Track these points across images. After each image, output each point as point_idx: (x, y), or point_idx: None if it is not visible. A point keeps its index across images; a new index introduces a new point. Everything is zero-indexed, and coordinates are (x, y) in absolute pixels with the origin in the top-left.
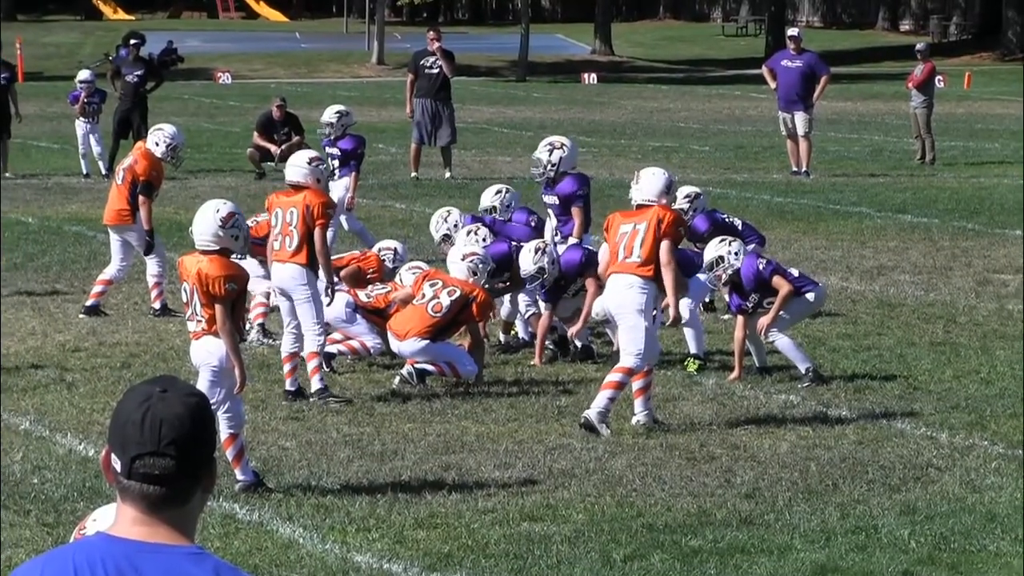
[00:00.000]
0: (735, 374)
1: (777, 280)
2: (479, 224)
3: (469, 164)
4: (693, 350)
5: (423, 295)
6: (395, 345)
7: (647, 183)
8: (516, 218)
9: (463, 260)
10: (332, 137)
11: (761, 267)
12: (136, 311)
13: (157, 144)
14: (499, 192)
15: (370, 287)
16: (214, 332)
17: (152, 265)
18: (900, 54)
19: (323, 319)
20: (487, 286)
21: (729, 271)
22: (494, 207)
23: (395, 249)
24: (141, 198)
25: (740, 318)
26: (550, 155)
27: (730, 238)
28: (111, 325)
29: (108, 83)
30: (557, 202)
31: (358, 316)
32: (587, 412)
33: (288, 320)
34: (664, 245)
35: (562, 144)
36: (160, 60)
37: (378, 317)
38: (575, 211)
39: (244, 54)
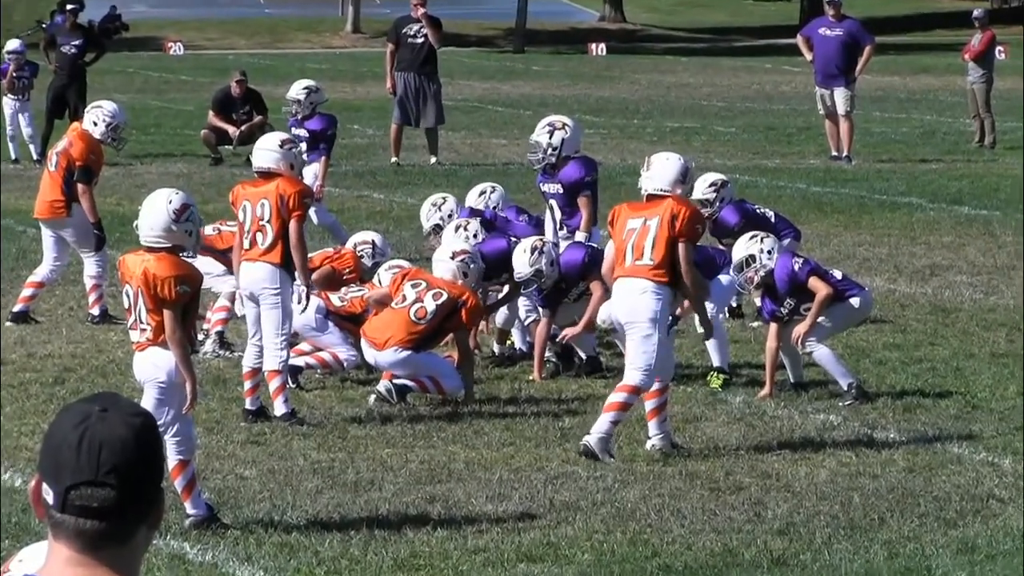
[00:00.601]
0: (766, 390)
1: (814, 282)
2: (470, 219)
3: (458, 148)
4: (717, 363)
5: (404, 297)
6: (371, 355)
7: (659, 170)
8: (510, 216)
9: (453, 259)
10: (299, 116)
11: (796, 267)
12: (71, 318)
13: (95, 124)
14: (483, 193)
15: (344, 289)
16: (161, 342)
17: (91, 264)
18: (955, 21)
19: (289, 331)
20: (479, 290)
21: (762, 272)
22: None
23: (373, 242)
24: (80, 187)
25: (773, 326)
26: (550, 137)
27: (762, 233)
28: (42, 334)
29: (41, 55)
30: (561, 191)
31: (330, 324)
32: (587, 438)
33: (253, 329)
34: (682, 248)
35: (564, 124)
36: (101, 28)
37: (353, 324)
38: (582, 201)
39: (198, 21)
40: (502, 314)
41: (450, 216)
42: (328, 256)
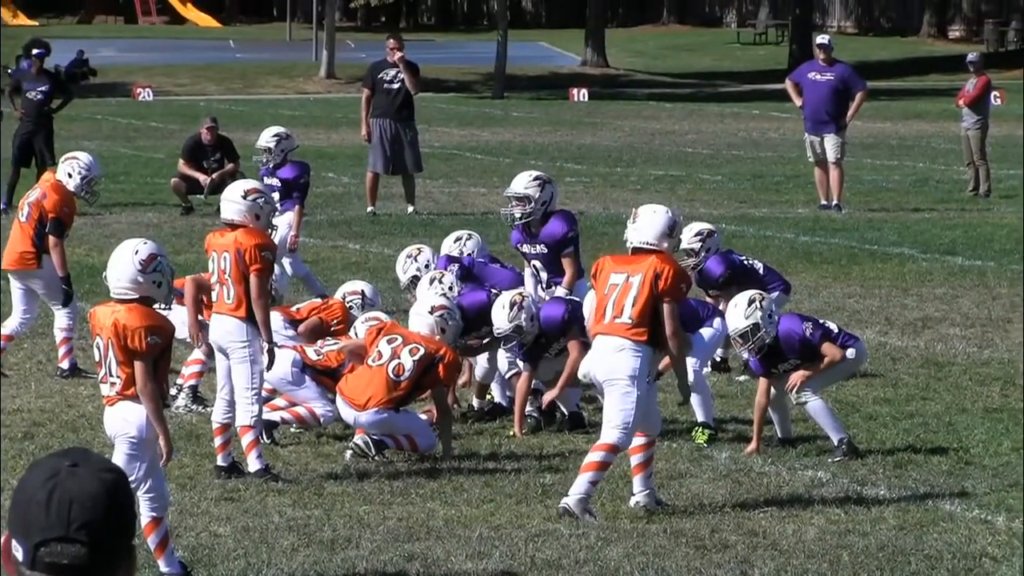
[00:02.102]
0: (752, 446)
1: (828, 348)
2: (446, 271)
3: (436, 197)
4: (701, 418)
5: (380, 354)
6: (349, 415)
7: (645, 223)
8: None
9: (431, 313)
10: (271, 165)
11: (807, 332)
12: (40, 372)
13: (70, 176)
14: (459, 240)
15: (319, 343)
16: (132, 395)
17: (61, 317)
18: (949, 66)
19: (260, 385)
20: (458, 344)
21: (767, 340)
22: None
23: (363, 292)
24: (52, 239)
25: (763, 381)
26: (541, 191)
27: (757, 295)
28: (10, 388)
29: (6, 100)
30: (545, 250)
31: (307, 378)
32: (566, 500)
33: (223, 383)
34: (667, 309)
35: (550, 178)
36: (68, 73)
37: (329, 379)
38: (567, 261)
39: (168, 66)
40: (481, 368)
41: (427, 267)
42: (316, 307)
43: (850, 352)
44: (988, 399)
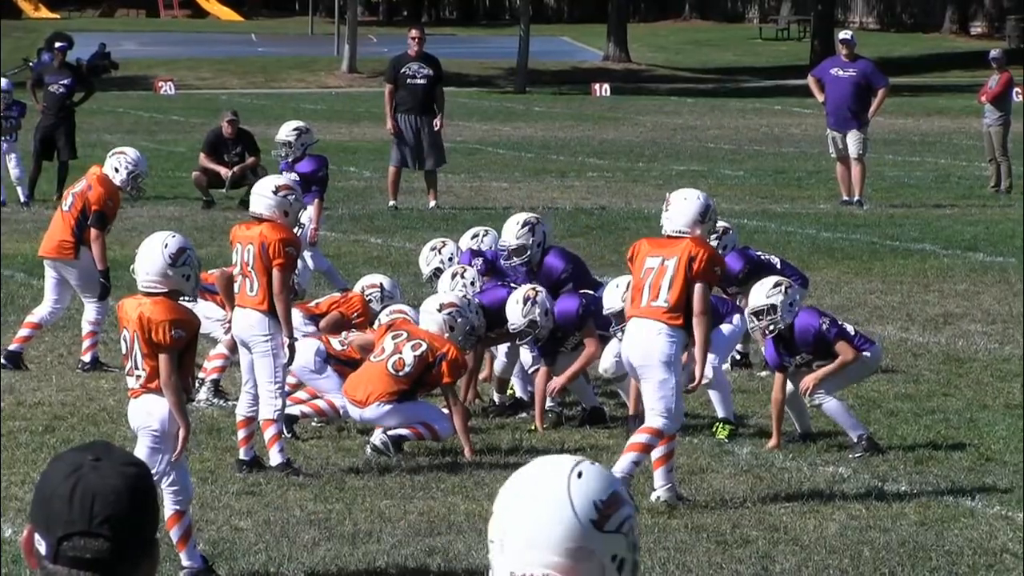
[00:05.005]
0: (773, 441)
1: (842, 347)
2: (468, 266)
3: (458, 191)
4: (722, 414)
5: (382, 350)
6: (355, 413)
7: (678, 210)
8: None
9: (440, 311)
10: (290, 160)
11: (824, 327)
12: (61, 365)
13: (116, 170)
14: (476, 236)
15: (344, 333)
16: (156, 389)
17: (91, 310)
18: (971, 62)
19: (284, 379)
20: (473, 341)
21: (780, 326)
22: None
23: (381, 285)
24: (93, 232)
25: (779, 376)
26: (533, 234)
27: (785, 282)
28: (31, 381)
29: (28, 93)
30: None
31: (328, 368)
32: None
33: (247, 377)
34: (698, 290)
35: (537, 218)
36: (90, 67)
37: (351, 369)
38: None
39: (190, 59)
40: (500, 363)
41: (450, 260)
42: (336, 301)
43: (866, 355)
44: (1009, 395)
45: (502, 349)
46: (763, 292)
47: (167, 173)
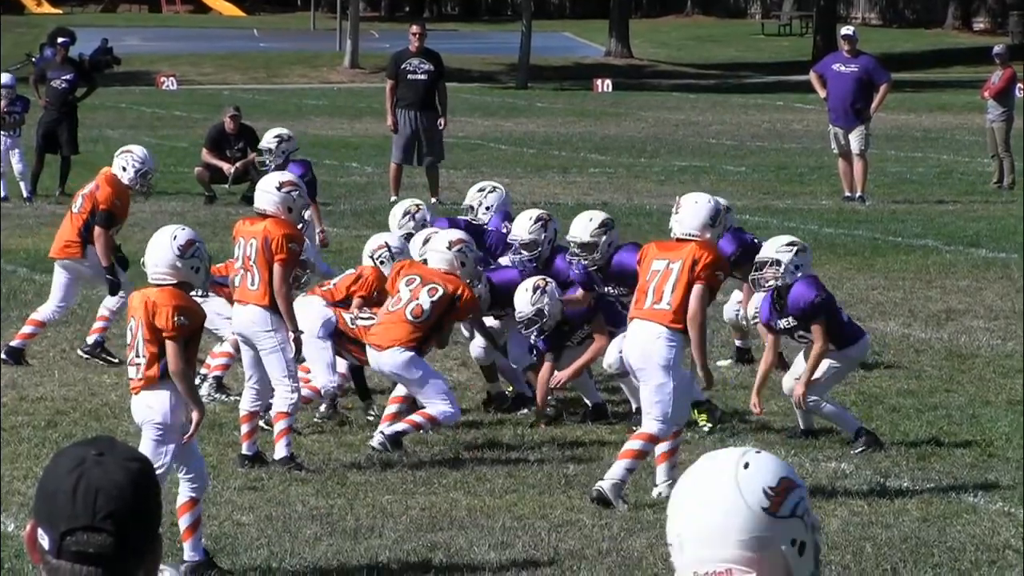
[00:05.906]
0: (753, 399)
1: (816, 328)
2: (440, 230)
3: (460, 187)
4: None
5: (399, 298)
6: (374, 359)
7: (688, 212)
8: (492, 223)
9: (449, 249)
10: (273, 166)
11: (816, 300)
12: (64, 360)
13: (124, 169)
14: (482, 190)
15: (357, 312)
16: (155, 380)
17: (112, 299)
18: (974, 57)
19: (296, 372)
20: (477, 280)
21: (777, 283)
22: (471, 207)
23: (387, 244)
24: (97, 229)
25: (770, 337)
26: (544, 230)
27: (799, 245)
28: (34, 376)
29: (31, 89)
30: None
31: (330, 342)
32: (600, 483)
33: (250, 373)
34: (695, 291)
35: (549, 215)
36: (93, 62)
37: (356, 347)
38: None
39: (192, 55)
40: (477, 349)
41: (424, 224)
42: (350, 284)
43: (851, 350)
44: (1012, 391)
45: (478, 340)
46: (774, 247)
47: (169, 168)
